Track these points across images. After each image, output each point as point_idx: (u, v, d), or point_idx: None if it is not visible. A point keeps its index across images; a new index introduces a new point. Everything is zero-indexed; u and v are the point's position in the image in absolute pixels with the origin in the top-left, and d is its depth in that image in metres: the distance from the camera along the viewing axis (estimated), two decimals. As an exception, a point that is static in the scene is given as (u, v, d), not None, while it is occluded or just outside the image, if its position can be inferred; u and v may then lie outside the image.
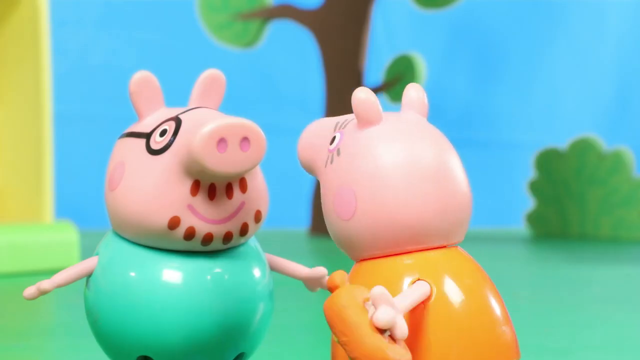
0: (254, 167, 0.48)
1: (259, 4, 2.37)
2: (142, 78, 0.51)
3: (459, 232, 0.47)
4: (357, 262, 0.47)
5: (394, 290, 0.44)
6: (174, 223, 0.48)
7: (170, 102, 0.54)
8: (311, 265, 0.56)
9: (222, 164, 0.47)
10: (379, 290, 0.40)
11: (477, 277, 0.46)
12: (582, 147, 2.38)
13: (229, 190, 0.49)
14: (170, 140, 0.49)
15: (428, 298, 0.44)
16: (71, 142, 2.42)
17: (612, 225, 2.33)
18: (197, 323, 0.49)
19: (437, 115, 3.13)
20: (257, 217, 0.50)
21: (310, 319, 0.94)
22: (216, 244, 0.50)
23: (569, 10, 3.33)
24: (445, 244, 0.46)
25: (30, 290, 0.50)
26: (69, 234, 1.33)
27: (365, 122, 0.47)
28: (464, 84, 3.18)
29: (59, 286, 0.51)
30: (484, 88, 3.21)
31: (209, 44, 2.43)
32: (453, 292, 0.44)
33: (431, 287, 0.44)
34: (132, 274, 0.50)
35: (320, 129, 0.50)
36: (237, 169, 0.47)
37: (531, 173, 2.49)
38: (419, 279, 0.44)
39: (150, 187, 0.48)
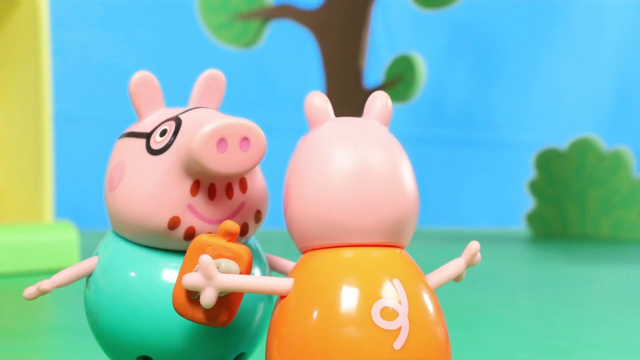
0: (254, 167, 0.48)
1: (258, 4, 2.37)
2: (142, 78, 0.51)
3: (393, 234, 0.46)
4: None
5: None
6: (174, 223, 0.48)
7: (170, 102, 0.54)
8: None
9: (222, 164, 0.47)
10: (205, 259, 0.44)
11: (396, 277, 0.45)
12: (582, 147, 2.38)
13: (229, 190, 0.49)
14: (170, 140, 0.49)
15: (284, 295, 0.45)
16: (71, 142, 2.42)
17: (611, 225, 2.33)
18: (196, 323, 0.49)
19: (437, 115, 3.14)
20: (257, 217, 0.50)
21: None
22: None
23: (569, 10, 3.33)
24: (373, 242, 0.46)
25: (30, 290, 0.50)
26: (69, 234, 1.33)
27: (311, 124, 0.48)
28: (464, 84, 3.18)
29: (59, 286, 0.51)
30: (484, 88, 3.21)
31: (208, 44, 2.43)
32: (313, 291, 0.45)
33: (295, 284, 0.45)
34: (132, 274, 0.50)
35: None
36: (237, 169, 0.47)
37: (531, 173, 2.49)
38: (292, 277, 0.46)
39: (150, 187, 0.48)
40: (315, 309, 0.44)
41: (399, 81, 2.27)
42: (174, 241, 0.49)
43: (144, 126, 0.51)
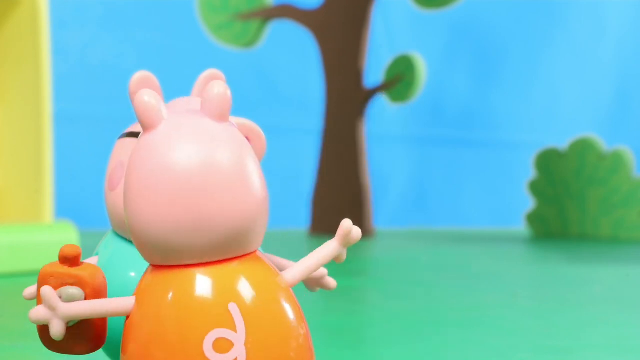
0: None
1: (258, 4, 2.37)
2: (142, 78, 0.51)
3: (236, 246, 0.41)
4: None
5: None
6: None
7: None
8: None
9: None
10: (45, 291, 0.41)
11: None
12: (582, 147, 2.38)
13: None
14: None
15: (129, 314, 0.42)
16: (71, 142, 2.42)
17: (611, 226, 2.33)
18: None
19: (437, 115, 3.14)
20: None
21: (310, 319, 0.94)
22: None
23: (569, 10, 3.33)
24: (215, 259, 0.41)
25: (30, 290, 0.50)
26: (69, 234, 1.33)
27: (144, 126, 0.42)
28: (464, 83, 3.18)
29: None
30: (484, 88, 3.21)
31: (208, 44, 2.43)
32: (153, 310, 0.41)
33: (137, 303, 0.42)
34: (132, 273, 0.50)
35: None
36: None
37: (531, 173, 2.49)
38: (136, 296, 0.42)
39: None
40: (151, 338, 0.41)
41: (399, 81, 2.27)
42: None
43: None
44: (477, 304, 1.04)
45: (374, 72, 2.42)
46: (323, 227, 2.26)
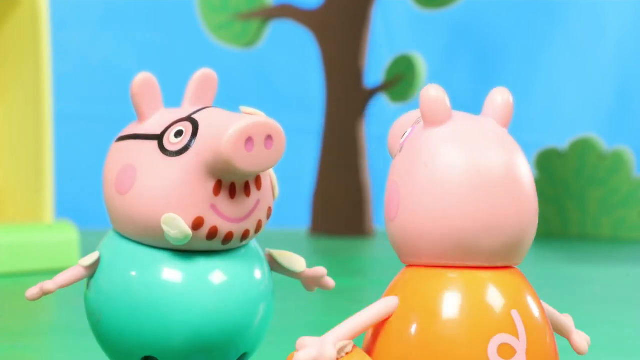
0: (276, 164, 0.49)
1: (258, 4, 2.37)
2: (144, 80, 0.51)
3: (513, 254, 0.42)
4: (406, 266, 0.44)
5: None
6: (198, 223, 0.48)
7: (171, 102, 0.54)
8: (311, 265, 0.56)
9: (250, 162, 0.48)
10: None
11: (522, 305, 0.41)
12: (582, 147, 2.38)
13: (246, 188, 0.50)
14: (188, 141, 0.49)
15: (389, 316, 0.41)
16: (71, 142, 2.42)
17: (612, 226, 2.33)
18: (200, 323, 0.49)
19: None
20: (269, 213, 0.52)
21: (310, 319, 0.94)
22: (234, 243, 0.50)
23: (569, 10, 3.33)
24: (493, 265, 0.42)
25: (33, 291, 0.50)
26: (69, 234, 1.33)
27: (429, 122, 0.42)
28: (464, 83, 3.18)
29: (62, 287, 0.51)
30: (484, 88, 3.20)
31: (209, 44, 2.43)
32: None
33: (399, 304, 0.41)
34: (133, 273, 0.50)
35: (406, 120, 0.47)
36: (263, 166, 0.48)
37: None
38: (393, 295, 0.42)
39: (171, 188, 0.48)
40: (423, 337, 0.40)
41: (399, 81, 2.27)
42: (195, 241, 0.49)
43: (149, 128, 0.50)
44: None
45: (374, 72, 2.41)
46: (323, 227, 2.26)
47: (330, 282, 0.55)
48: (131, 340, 0.49)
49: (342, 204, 2.26)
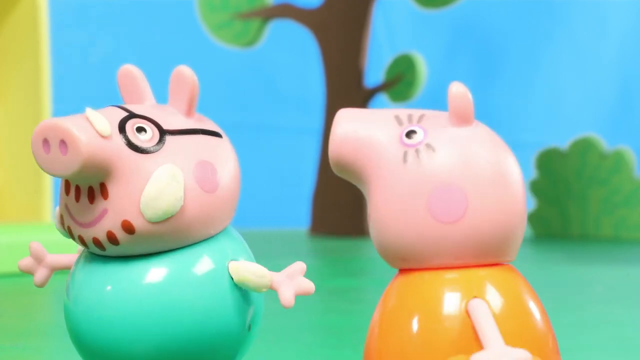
0: (74, 172, 0.46)
1: (259, 3, 2.37)
2: (121, 72, 0.52)
3: (512, 250, 0.44)
4: (398, 271, 0.45)
5: (434, 305, 0.42)
6: (61, 221, 0.49)
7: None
8: (311, 265, 0.55)
9: (48, 165, 0.46)
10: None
11: (522, 298, 0.44)
12: (584, 147, 2.37)
13: (90, 194, 0.47)
14: None
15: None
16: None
17: (613, 225, 2.33)
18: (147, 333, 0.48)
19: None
20: (126, 227, 0.47)
21: (311, 319, 0.94)
22: (127, 247, 0.48)
23: (570, 10, 3.33)
24: (496, 261, 0.44)
25: (26, 262, 0.52)
26: (69, 234, 1.33)
27: (462, 120, 0.45)
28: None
29: (57, 265, 0.54)
30: (485, 87, 3.21)
31: (209, 43, 2.43)
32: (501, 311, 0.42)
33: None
34: (108, 287, 0.48)
35: (369, 124, 0.45)
36: (60, 171, 0.46)
37: (532, 173, 2.49)
38: (475, 297, 0.42)
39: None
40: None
41: (399, 80, 2.27)
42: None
43: None
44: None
45: (374, 71, 2.41)
46: (323, 227, 2.26)
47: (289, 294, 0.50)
48: (106, 349, 0.48)
49: (342, 204, 2.26)
